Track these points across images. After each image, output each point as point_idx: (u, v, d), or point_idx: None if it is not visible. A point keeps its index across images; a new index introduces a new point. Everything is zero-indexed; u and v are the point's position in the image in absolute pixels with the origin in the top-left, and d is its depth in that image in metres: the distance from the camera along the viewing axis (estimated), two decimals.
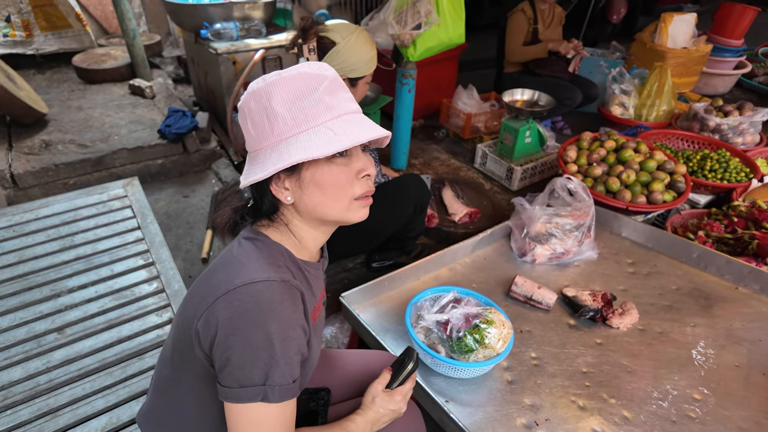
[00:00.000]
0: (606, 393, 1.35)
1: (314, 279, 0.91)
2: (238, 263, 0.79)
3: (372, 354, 1.25)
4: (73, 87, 3.67)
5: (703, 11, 6.64)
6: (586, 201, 1.85)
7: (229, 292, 0.74)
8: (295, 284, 0.79)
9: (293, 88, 0.77)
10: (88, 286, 1.52)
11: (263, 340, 0.73)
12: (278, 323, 0.74)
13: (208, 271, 0.84)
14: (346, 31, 1.65)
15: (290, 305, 0.77)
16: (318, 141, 0.75)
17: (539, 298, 1.63)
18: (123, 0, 3.29)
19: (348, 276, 2.17)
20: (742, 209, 1.99)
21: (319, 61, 0.82)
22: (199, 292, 0.81)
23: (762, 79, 4.39)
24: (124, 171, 2.84)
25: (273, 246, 0.84)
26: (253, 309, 0.73)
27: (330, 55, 1.65)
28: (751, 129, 2.79)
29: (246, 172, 0.81)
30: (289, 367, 0.76)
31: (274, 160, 0.76)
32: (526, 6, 3.17)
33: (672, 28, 3.69)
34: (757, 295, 1.71)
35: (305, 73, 0.77)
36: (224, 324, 0.73)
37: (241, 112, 0.81)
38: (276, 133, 0.77)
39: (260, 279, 0.75)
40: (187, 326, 0.80)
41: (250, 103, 0.79)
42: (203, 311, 0.76)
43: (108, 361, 1.30)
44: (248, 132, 0.81)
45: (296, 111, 0.76)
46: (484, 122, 3.32)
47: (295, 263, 0.85)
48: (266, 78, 0.78)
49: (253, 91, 0.78)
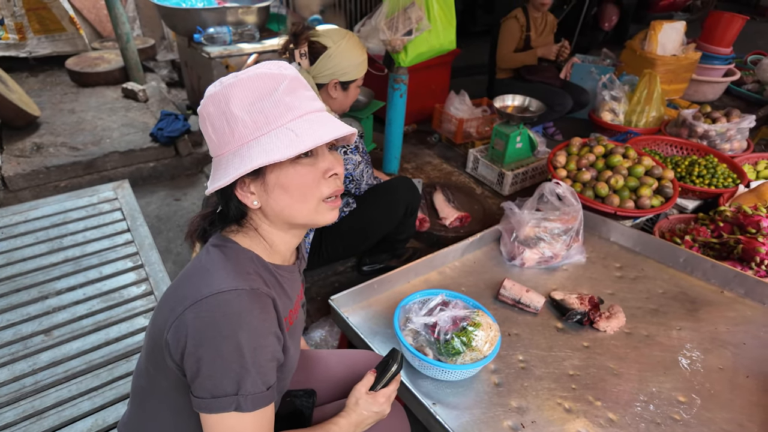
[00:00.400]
0: (592, 395, 1.36)
1: (288, 282, 0.89)
2: (206, 272, 0.78)
3: (356, 354, 1.26)
4: (65, 90, 3.66)
5: (693, 19, 6.74)
6: (574, 205, 1.87)
7: (197, 303, 0.73)
8: (266, 292, 0.78)
9: (251, 90, 0.75)
10: (76, 288, 1.51)
11: (233, 351, 0.72)
12: (248, 333, 0.74)
13: (178, 281, 0.83)
14: (337, 35, 1.67)
15: (260, 314, 0.76)
16: (279, 143, 0.74)
17: (527, 301, 1.64)
18: (117, 4, 3.30)
19: (339, 279, 2.18)
20: (728, 214, 2.02)
21: (282, 62, 0.81)
22: (168, 302, 0.80)
23: (750, 86, 4.45)
24: (115, 174, 2.83)
25: (242, 252, 0.82)
26: (221, 320, 0.72)
27: (321, 59, 1.66)
28: (738, 135, 2.83)
29: (211, 178, 0.80)
30: (262, 375, 0.76)
31: (236, 165, 0.75)
32: (519, 13, 3.20)
33: (661, 35, 3.74)
34: (742, 298, 1.73)
35: (263, 73, 0.76)
36: (193, 335, 0.73)
37: (201, 118, 0.79)
38: (237, 137, 0.75)
39: (228, 288, 0.74)
40: (159, 337, 0.79)
41: (208, 108, 0.77)
42: (172, 322, 0.75)
43: (95, 363, 1.30)
44: (209, 137, 0.79)
45: (256, 113, 0.75)
46: (476, 128, 3.34)
47: (266, 269, 0.84)
48: (223, 81, 0.77)
49: (211, 95, 0.76)
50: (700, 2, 7.09)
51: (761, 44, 5.61)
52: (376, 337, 1.52)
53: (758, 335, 1.57)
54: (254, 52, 2.86)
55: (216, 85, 0.77)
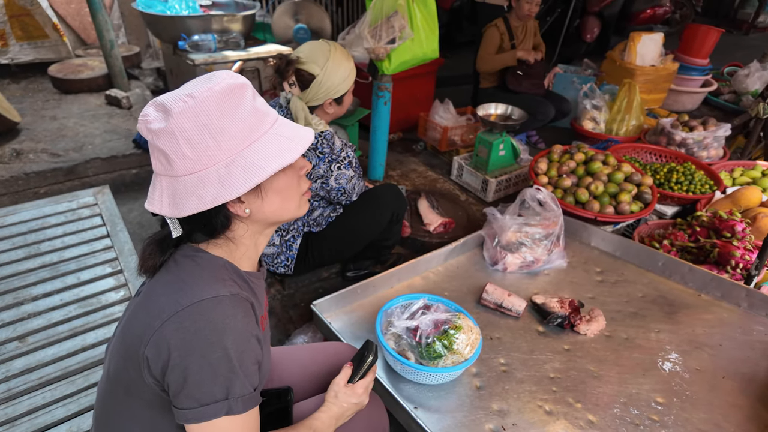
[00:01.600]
0: (572, 398, 1.37)
1: (258, 289, 0.90)
2: (180, 283, 0.77)
3: (329, 347, 1.26)
4: (48, 97, 3.62)
5: (672, 32, 6.93)
6: (554, 211, 1.90)
7: (177, 314, 0.73)
8: (245, 296, 0.79)
9: (228, 101, 0.74)
10: (53, 294, 1.49)
11: (221, 356, 0.73)
12: (234, 337, 0.74)
13: (146, 295, 0.81)
14: (321, 58, 1.66)
15: (243, 318, 0.77)
16: (274, 148, 0.76)
17: (509, 305, 1.66)
18: (101, 11, 3.29)
19: (323, 285, 2.17)
20: (704, 219, 2.06)
21: (227, 70, 0.80)
22: (140, 318, 0.78)
23: (727, 96, 4.57)
24: (97, 180, 2.80)
25: (214, 260, 0.81)
26: (206, 327, 0.72)
27: (312, 88, 1.67)
28: (714, 143, 2.90)
29: (192, 195, 0.74)
30: (249, 378, 0.77)
31: (237, 176, 0.74)
32: (499, 22, 3.27)
33: (640, 46, 3.84)
34: (719, 301, 1.76)
35: (232, 84, 0.75)
36: (177, 346, 0.72)
37: (168, 135, 0.72)
38: (225, 149, 0.74)
39: (208, 296, 0.74)
40: (132, 354, 0.77)
41: (182, 124, 0.72)
42: (150, 336, 0.73)
43: (70, 370, 1.28)
44: (183, 155, 0.73)
45: (239, 123, 0.75)
46: (461, 135, 3.38)
47: (239, 275, 0.83)
48: (193, 95, 0.72)
49: (182, 110, 0.72)
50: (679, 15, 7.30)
51: (737, 56, 5.78)
52: (359, 342, 1.52)
53: (734, 337, 1.60)
54: (239, 59, 2.86)
55: (185, 100, 0.72)
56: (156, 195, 0.77)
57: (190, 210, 0.74)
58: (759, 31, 8.11)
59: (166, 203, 0.75)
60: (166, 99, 0.74)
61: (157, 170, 0.77)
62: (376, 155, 2.89)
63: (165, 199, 0.75)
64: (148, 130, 0.74)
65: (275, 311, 2.01)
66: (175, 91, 0.76)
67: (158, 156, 0.75)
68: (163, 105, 0.74)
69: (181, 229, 0.81)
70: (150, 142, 0.76)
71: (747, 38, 7.80)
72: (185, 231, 0.81)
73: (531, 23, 3.40)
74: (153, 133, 0.73)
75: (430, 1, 2.38)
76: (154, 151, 0.76)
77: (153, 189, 0.78)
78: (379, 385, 1.35)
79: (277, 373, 1.15)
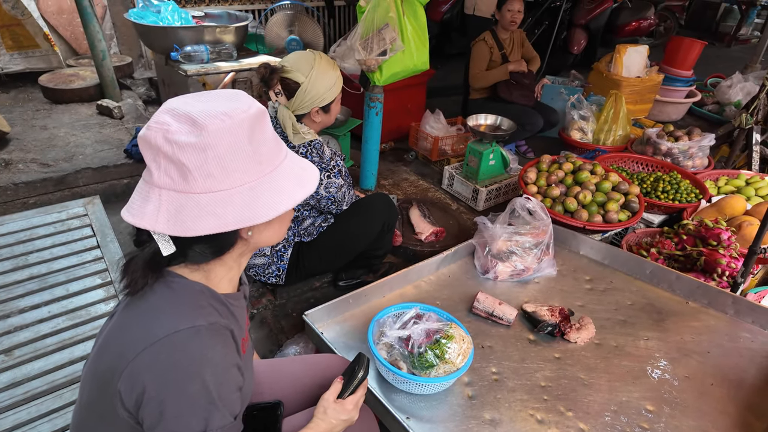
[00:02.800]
0: (563, 406, 1.38)
1: (238, 310, 0.88)
2: (156, 311, 0.74)
3: (321, 359, 1.25)
4: (38, 106, 3.60)
5: (656, 44, 7.07)
6: (544, 219, 1.92)
7: (152, 346, 0.70)
8: (224, 324, 0.77)
9: (257, 125, 0.75)
10: (40, 306, 1.47)
11: (199, 389, 0.70)
12: (213, 369, 0.72)
13: (119, 323, 0.77)
14: (306, 66, 1.69)
15: (222, 348, 0.75)
16: (295, 175, 0.80)
17: (500, 313, 1.67)
18: (93, 21, 3.29)
19: (314, 295, 2.17)
20: (691, 228, 2.10)
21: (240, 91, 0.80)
22: (113, 347, 0.74)
23: (711, 107, 4.67)
24: (87, 191, 2.78)
25: (190, 286, 0.78)
26: (183, 359, 0.70)
27: (297, 96, 1.69)
28: (699, 153, 2.96)
29: (208, 215, 0.70)
30: (229, 407, 0.75)
31: (265, 201, 0.74)
32: (487, 35, 3.32)
33: (626, 58, 3.92)
34: (705, 308, 1.79)
35: (259, 109, 0.76)
36: (153, 380, 0.69)
37: (194, 151, 0.69)
38: (252, 172, 0.73)
39: (185, 327, 0.71)
40: (104, 386, 0.74)
41: (217, 142, 0.69)
42: (123, 369, 0.70)
43: (58, 383, 1.26)
44: (206, 173, 0.70)
45: (265, 147, 0.76)
46: (451, 145, 3.41)
47: (217, 299, 0.80)
48: (230, 114, 0.71)
49: (219, 129, 0.69)
50: (663, 28, 7.46)
51: (720, 68, 5.91)
52: (351, 353, 1.51)
53: (722, 344, 1.62)
54: (232, 70, 2.87)
55: (222, 119, 0.70)
56: (149, 209, 0.70)
57: (205, 230, 0.69)
58: (740, 43, 8.31)
59: (162, 219, 0.69)
60: (192, 112, 0.70)
61: (160, 183, 0.71)
62: (368, 165, 2.91)
63: (162, 214, 0.70)
64: (167, 141, 0.68)
65: (267, 321, 2.01)
66: (198, 105, 0.72)
67: (167, 169, 0.70)
68: (190, 118, 0.69)
69: (174, 247, 0.74)
70: (162, 152, 0.69)
71: (729, 50, 7.98)
72: (179, 249, 0.75)
73: (517, 34, 3.46)
74: (176, 145, 0.68)
75: (420, 14, 2.42)
76: (162, 163, 0.70)
77: (144, 202, 0.72)
78: (371, 395, 1.34)
79: (268, 386, 1.14)
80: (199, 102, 0.73)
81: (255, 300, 2.08)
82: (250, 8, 4.66)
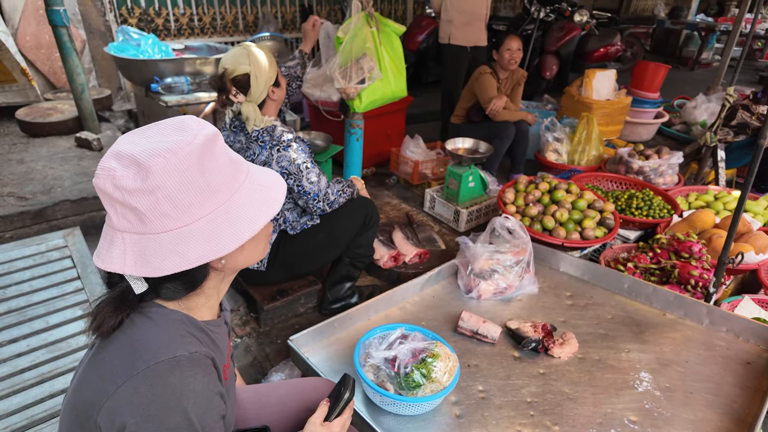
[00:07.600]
0: (549, 421, 1.39)
1: (219, 337, 0.87)
2: (135, 343, 0.73)
3: (307, 382, 1.25)
4: (15, 140, 3.57)
5: (624, 69, 7.40)
6: (523, 238, 1.97)
7: (132, 378, 0.69)
8: (204, 352, 0.76)
9: (206, 154, 0.72)
10: (19, 339, 1.44)
11: (181, 421, 0.69)
12: (194, 400, 0.71)
13: (98, 355, 0.75)
14: (243, 57, 1.79)
15: (203, 377, 0.73)
16: (257, 198, 0.77)
17: (485, 331, 1.69)
18: (72, 56, 3.31)
19: (299, 321, 2.16)
20: (664, 242, 2.17)
21: (191, 117, 0.77)
22: (92, 382, 0.73)
23: (678, 127, 4.88)
24: (66, 223, 2.74)
25: (170, 315, 0.77)
26: (164, 392, 0.69)
27: (252, 85, 1.79)
28: (669, 170, 3.08)
29: (170, 253, 0.70)
30: None
31: (225, 232, 0.72)
32: (488, 69, 3.37)
33: (596, 82, 4.09)
34: (682, 319, 1.84)
35: (207, 135, 0.73)
36: (133, 413, 0.68)
37: (143, 195, 0.68)
38: (208, 204, 0.72)
39: (165, 357, 0.71)
40: (84, 421, 0.72)
41: (164, 183, 0.68)
42: (103, 403, 0.69)
43: (37, 418, 1.22)
44: (160, 214, 0.69)
45: (219, 176, 0.74)
46: (431, 169, 3.48)
47: (197, 327, 0.80)
48: (175, 150, 0.69)
49: (163, 169, 0.68)
50: (630, 53, 7.83)
51: (685, 90, 6.21)
52: (337, 376, 1.51)
53: (699, 353, 1.67)
54: (212, 100, 2.92)
55: (165, 157, 0.68)
56: (115, 252, 0.70)
57: (170, 269, 0.69)
58: (702, 66, 8.75)
59: (130, 262, 0.69)
60: (136, 153, 0.68)
61: (120, 227, 0.70)
62: None
63: (129, 257, 0.70)
64: (116, 188, 0.67)
65: (251, 349, 1.99)
66: (143, 142, 0.70)
67: (124, 213, 0.69)
68: (135, 160, 0.68)
69: (147, 285, 0.74)
70: (114, 198, 0.69)
71: (692, 73, 8.39)
72: (151, 288, 0.75)
73: (518, 74, 3.52)
74: (125, 191, 0.67)
75: (396, 44, 2.52)
76: (117, 208, 0.70)
77: (110, 246, 0.71)
78: (359, 418, 1.34)
79: (254, 411, 1.13)
80: (144, 138, 0.72)
81: (239, 328, 2.06)
82: (230, 40, 4.75)
